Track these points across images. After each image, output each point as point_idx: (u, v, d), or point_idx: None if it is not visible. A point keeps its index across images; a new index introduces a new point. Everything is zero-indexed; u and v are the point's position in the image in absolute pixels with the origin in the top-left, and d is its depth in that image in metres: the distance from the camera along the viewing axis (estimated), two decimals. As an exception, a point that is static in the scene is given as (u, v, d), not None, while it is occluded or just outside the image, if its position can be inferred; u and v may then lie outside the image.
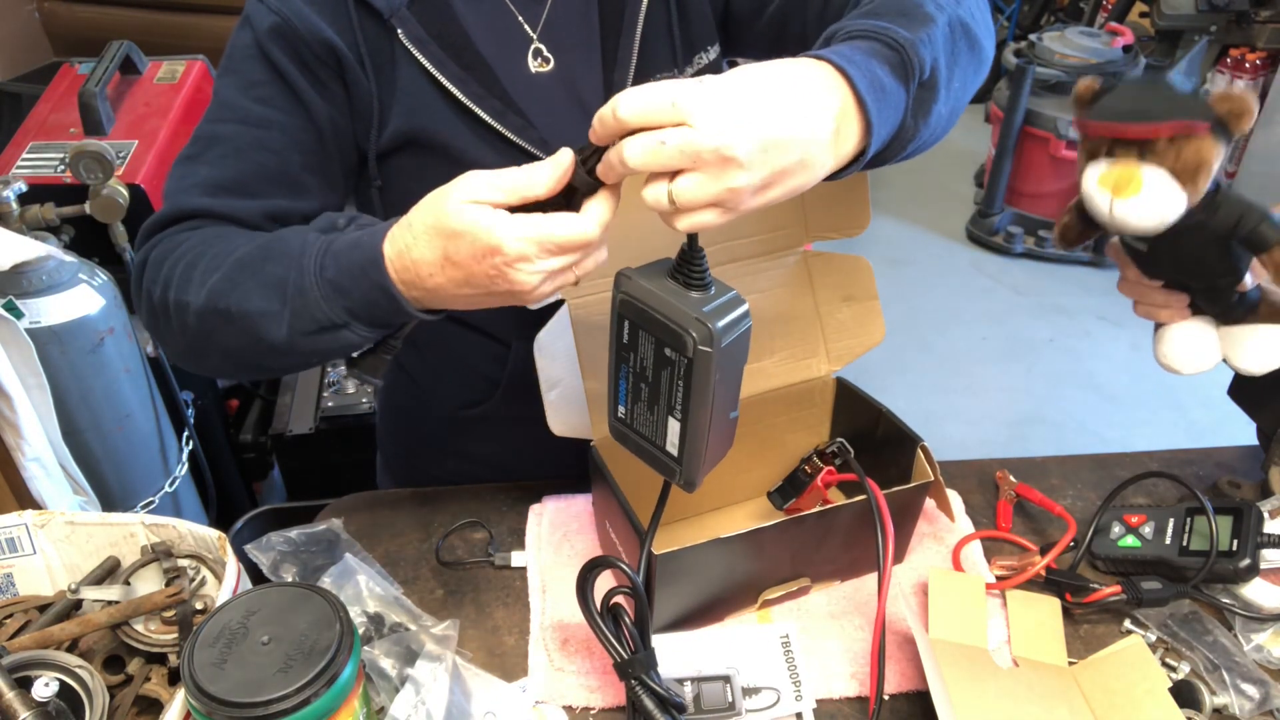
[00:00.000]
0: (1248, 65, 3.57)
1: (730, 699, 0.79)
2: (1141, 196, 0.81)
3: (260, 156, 0.86)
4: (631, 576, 0.74)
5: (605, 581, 0.78)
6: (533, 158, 0.89)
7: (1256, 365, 0.91)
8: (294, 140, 0.87)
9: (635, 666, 0.74)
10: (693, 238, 0.64)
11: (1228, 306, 0.91)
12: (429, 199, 0.70)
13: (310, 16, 0.85)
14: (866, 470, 0.88)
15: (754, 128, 0.60)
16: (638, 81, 0.93)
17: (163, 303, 0.81)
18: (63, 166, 1.63)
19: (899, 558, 0.94)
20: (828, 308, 0.98)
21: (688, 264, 0.65)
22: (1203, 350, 0.93)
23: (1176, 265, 0.90)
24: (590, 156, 0.64)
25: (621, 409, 0.70)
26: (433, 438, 1.13)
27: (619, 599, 0.76)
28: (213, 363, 0.84)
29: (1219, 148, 0.81)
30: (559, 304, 0.88)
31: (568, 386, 0.89)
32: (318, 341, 0.75)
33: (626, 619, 0.76)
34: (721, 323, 0.63)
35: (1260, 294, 0.90)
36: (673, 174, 0.61)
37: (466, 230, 0.66)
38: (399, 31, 0.87)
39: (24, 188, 1.51)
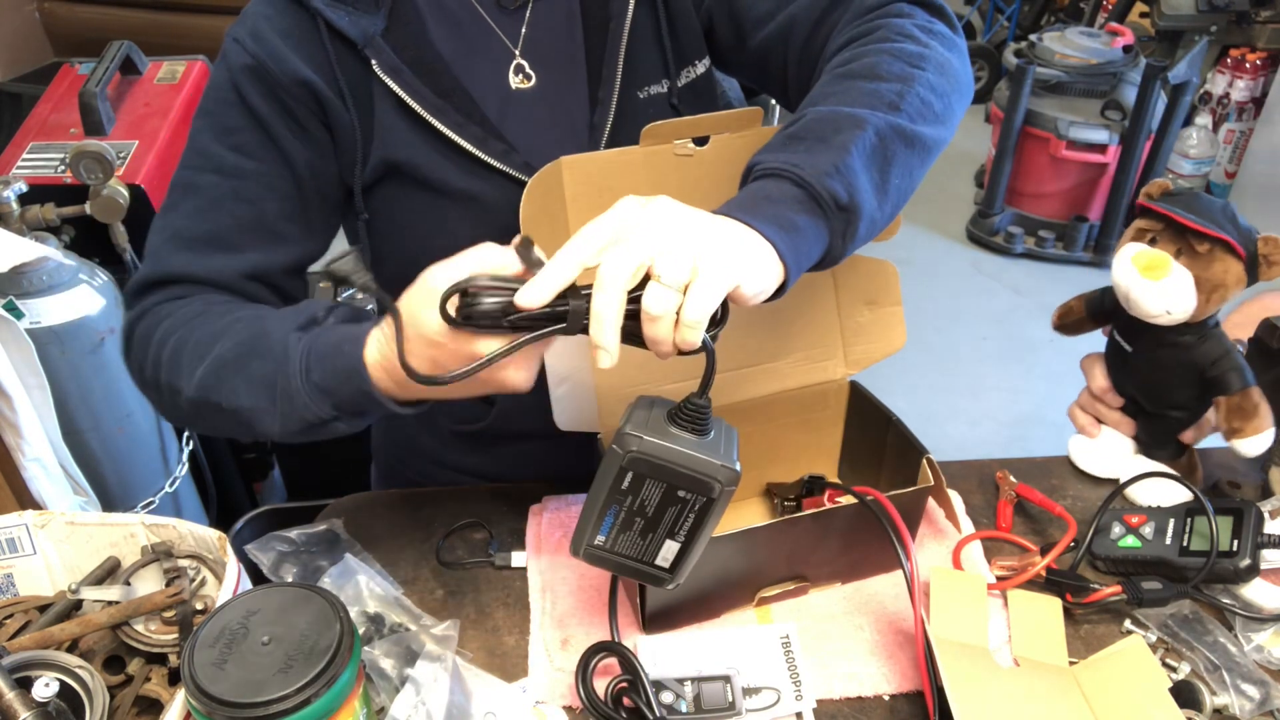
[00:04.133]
0: (1248, 65, 3.57)
1: (730, 699, 0.79)
2: (1162, 284, 0.91)
3: (236, 208, 0.86)
4: (628, 655, 0.77)
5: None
6: (517, 183, 0.87)
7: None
8: (270, 188, 0.87)
9: None
10: (704, 387, 0.66)
11: (1163, 444, 1.03)
12: (406, 301, 0.68)
13: (287, 57, 0.84)
14: (873, 476, 0.88)
15: (711, 231, 0.64)
16: (624, 95, 0.93)
17: (154, 381, 0.83)
18: (63, 167, 1.63)
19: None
20: (849, 310, 0.97)
21: (696, 412, 0.66)
22: (1119, 462, 1.05)
23: (1147, 375, 1.00)
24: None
25: (601, 538, 0.72)
26: (427, 453, 1.13)
27: (623, 684, 0.78)
28: (213, 432, 0.88)
29: (1242, 283, 0.91)
30: None
31: (576, 382, 0.89)
32: (310, 433, 0.77)
33: (630, 697, 0.77)
34: (739, 462, 0.66)
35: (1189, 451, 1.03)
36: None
37: (450, 341, 0.66)
38: (373, 62, 0.85)
39: (24, 188, 1.51)
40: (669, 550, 0.71)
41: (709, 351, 0.64)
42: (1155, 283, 0.91)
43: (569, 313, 0.63)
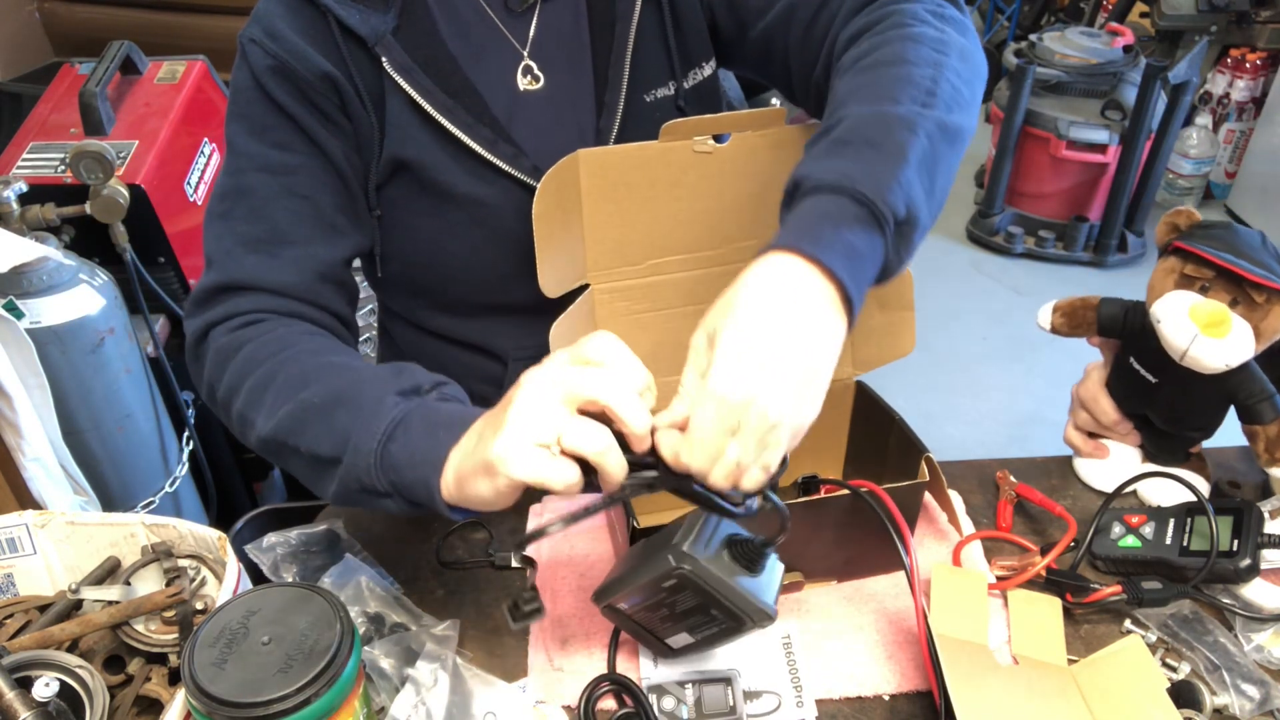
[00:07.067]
0: (1248, 65, 3.57)
1: (731, 702, 0.79)
2: (1226, 340, 0.86)
3: (291, 203, 0.86)
4: (633, 689, 0.77)
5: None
6: (525, 186, 0.87)
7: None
8: (319, 181, 0.87)
9: None
10: (771, 541, 0.66)
11: (1173, 453, 1.01)
12: (492, 428, 0.65)
13: (307, 53, 0.84)
14: (877, 477, 0.88)
15: (793, 376, 0.62)
16: (630, 99, 0.92)
17: (226, 403, 0.82)
18: (63, 167, 1.63)
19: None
20: (861, 312, 0.96)
21: (756, 553, 0.67)
22: (1129, 473, 1.00)
23: (1173, 403, 0.97)
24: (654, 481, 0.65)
25: (625, 606, 0.72)
26: None
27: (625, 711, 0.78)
28: (282, 466, 0.83)
29: None
30: (578, 292, 0.87)
31: None
32: (358, 500, 0.73)
33: None
34: (778, 604, 0.68)
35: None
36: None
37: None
38: (384, 60, 0.85)
39: (24, 188, 1.51)
40: (681, 639, 0.73)
41: (782, 516, 0.64)
42: (1217, 340, 0.86)
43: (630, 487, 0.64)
